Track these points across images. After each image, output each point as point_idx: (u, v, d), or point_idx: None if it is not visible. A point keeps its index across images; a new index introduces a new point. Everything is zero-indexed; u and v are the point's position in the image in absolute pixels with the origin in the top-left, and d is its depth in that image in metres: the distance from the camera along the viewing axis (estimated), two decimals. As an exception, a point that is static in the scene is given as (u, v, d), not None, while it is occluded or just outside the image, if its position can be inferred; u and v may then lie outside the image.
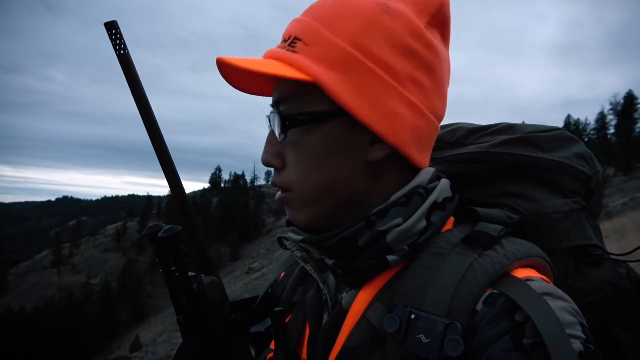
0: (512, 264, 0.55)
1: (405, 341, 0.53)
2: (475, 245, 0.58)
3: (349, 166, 0.63)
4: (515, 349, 0.48)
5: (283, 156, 0.64)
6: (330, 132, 0.61)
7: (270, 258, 46.70)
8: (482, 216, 0.63)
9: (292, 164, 0.63)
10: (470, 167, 0.77)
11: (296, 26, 0.63)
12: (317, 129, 0.61)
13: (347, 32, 0.60)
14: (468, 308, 0.52)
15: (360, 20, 0.61)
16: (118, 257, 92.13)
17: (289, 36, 0.63)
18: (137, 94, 0.69)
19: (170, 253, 0.67)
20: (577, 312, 0.52)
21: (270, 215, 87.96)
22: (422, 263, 0.59)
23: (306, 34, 0.61)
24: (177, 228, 0.67)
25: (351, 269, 0.62)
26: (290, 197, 0.64)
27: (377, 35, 0.61)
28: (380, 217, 0.61)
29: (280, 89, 0.63)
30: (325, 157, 0.62)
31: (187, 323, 0.68)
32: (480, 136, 0.82)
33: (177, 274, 0.67)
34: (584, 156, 0.75)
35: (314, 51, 0.60)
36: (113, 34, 0.66)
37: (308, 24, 0.62)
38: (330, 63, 0.59)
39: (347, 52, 0.60)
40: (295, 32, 0.62)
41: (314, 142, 0.61)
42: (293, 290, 0.77)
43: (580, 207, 0.72)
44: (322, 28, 0.61)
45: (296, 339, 0.70)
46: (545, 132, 0.77)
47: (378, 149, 0.63)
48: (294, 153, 0.63)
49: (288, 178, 0.64)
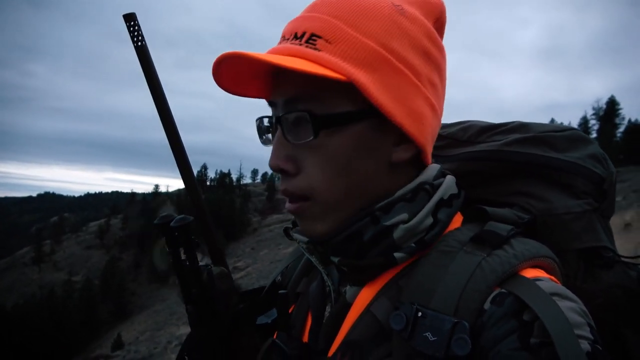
0: (521, 264, 0.55)
1: (411, 339, 0.53)
2: (484, 244, 0.57)
3: (373, 168, 0.62)
4: (522, 347, 0.48)
5: (296, 160, 0.61)
6: (358, 133, 0.60)
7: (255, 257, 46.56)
8: (491, 215, 0.63)
9: (313, 169, 0.60)
10: (482, 165, 0.76)
11: (310, 23, 0.60)
12: (344, 131, 0.59)
13: (372, 31, 0.59)
14: (475, 307, 0.52)
15: (383, 20, 0.60)
16: (100, 254, 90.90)
17: (302, 32, 0.60)
18: (154, 86, 0.68)
19: (181, 243, 0.67)
20: (585, 312, 0.52)
21: (256, 214, 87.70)
22: (430, 261, 0.58)
23: (327, 31, 0.59)
24: (188, 218, 0.67)
25: (357, 266, 0.62)
26: (308, 207, 0.61)
27: (400, 36, 0.61)
28: (385, 212, 0.61)
29: (297, 86, 0.60)
30: (351, 160, 0.60)
31: (196, 313, 0.69)
32: (492, 134, 0.81)
33: (187, 263, 0.67)
34: (597, 157, 0.74)
35: (340, 49, 0.58)
36: (131, 25, 0.66)
37: (326, 21, 0.60)
38: (359, 62, 0.58)
39: (376, 51, 0.59)
40: (311, 28, 0.60)
41: (341, 145, 0.59)
42: (297, 281, 0.78)
43: (592, 209, 0.71)
44: (344, 25, 0.59)
45: (298, 329, 0.71)
46: (558, 131, 0.76)
47: (403, 150, 0.63)
48: (317, 157, 0.60)
49: (306, 184, 0.61)
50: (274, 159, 0.61)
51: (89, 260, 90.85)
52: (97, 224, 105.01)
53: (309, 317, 0.70)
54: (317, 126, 0.58)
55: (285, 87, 0.61)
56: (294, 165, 0.61)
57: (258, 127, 0.68)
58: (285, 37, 0.62)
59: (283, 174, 0.62)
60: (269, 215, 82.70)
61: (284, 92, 0.61)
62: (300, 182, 0.61)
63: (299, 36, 0.60)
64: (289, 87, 0.61)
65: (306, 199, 0.61)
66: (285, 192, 0.62)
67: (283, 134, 0.61)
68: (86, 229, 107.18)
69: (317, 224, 0.62)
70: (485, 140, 0.81)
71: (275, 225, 68.56)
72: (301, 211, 0.62)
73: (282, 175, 0.62)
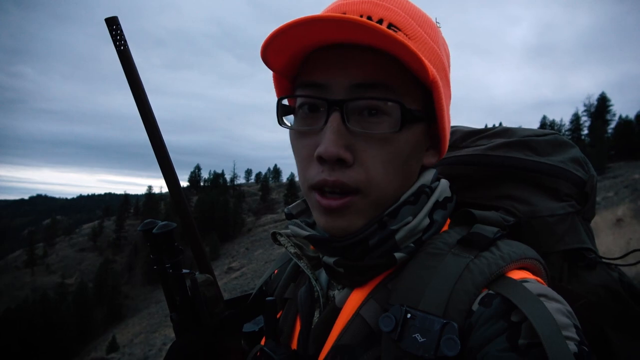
0: (508, 265, 0.56)
1: (400, 340, 0.53)
2: (471, 246, 0.58)
3: (415, 169, 0.64)
4: (510, 348, 0.48)
5: (355, 151, 0.58)
6: (418, 133, 0.61)
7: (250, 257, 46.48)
8: (477, 218, 0.64)
9: (375, 162, 0.58)
10: (467, 169, 0.77)
11: (384, 11, 0.58)
12: (412, 129, 0.59)
13: (435, 39, 0.60)
14: (464, 308, 0.52)
15: (437, 31, 0.61)
16: (94, 256, 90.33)
17: (379, 19, 0.57)
18: (136, 90, 0.67)
19: (165, 249, 0.66)
20: (571, 313, 0.53)
21: (250, 214, 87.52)
22: (418, 263, 0.59)
23: (405, 26, 0.57)
24: (171, 224, 0.66)
25: (357, 268, 0.61)
26: (358, 201, 0.59)
27: (444, 49, 0.64)
28: (392, 217, 0.61)
29: (373, 71, 0.57)
30: (408, 158, 0.60)
31: (180, 320, 0.67)
32: (476, 139, 0.83)
33: (171, 270, 0.66)
34: (579, 160, 0.76)
35: (420, 48, 0.57)
36: (113, 29, 0.65)
37: (401, 15, 0.58)
38: (433, 65, 0.58)
39: (441, 60, 0.60)
40: (389, 17, 0.58)
41: (407, 142, 0.59)
42: (285, 286, 0.77)
43: (574, 211, 0.73)
44: (417, 26, 0.58)
45: (287, 335, 0.70)
46: (541, 136, 0.78)
47: (432, 155, 0.66)
48: (380, 150, 0.58)
49: (364, 177, 0.58)
50: (332, 145, 0.56)
51: (83, 262, 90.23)
52: (90, 226, 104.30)
53: (297, 323, 0.70)
54: (405, 119, 0.57)
55: (353, 69, 0.57)
56: (352, 155, 0.58)
57: (281, 106, 0.64)
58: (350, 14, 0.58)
59: (336, 165, 0.58)
60: (263, 215, 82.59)
61: (351, 74, 0.57)
62: (357, 174, 0.58)
63: (375, 21, 0.57)
64: (359, 70, 0.57)
65: (357, 192, 0.59)
66: (338, 183, 0.58)
67: (343, 121, 0.57)
68: (79, 231, 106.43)
69: (358, 220, 0.60)
70: (470, 145, 0.82)
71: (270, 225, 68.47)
72: (348, 206, 0.59)
73: (330, 166, 0.58)
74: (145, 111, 0.68)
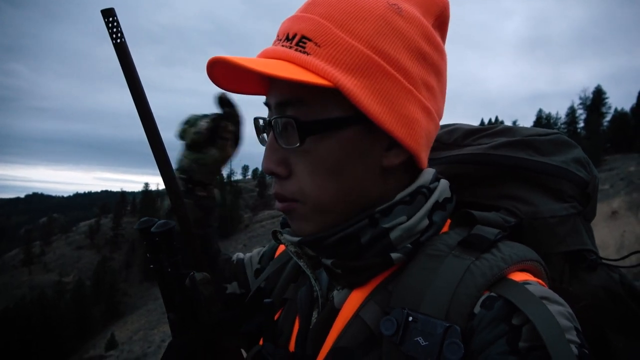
0: (509, 267, 0.55)
1: (402, 344, 0.52)
2: (472, 247, 0.58)
3: (363, 173, 0.62)
4: (510, 352, 0.48)
5: (288, 163, 0.61)
6: (347, 139, 0.59)
7: (248, 253, 46.42)
8: (478, 219, 0.63)
9: (303, 174, 0.60)
10: (468, 169, 0.76)
11: (301, 24, 0.59)
12: (333, 136, 0.59)
13: (362, 33, 0.58)
14: (466, 311, 0.52)
15: (375, 21, 0.59)
16: (91, 254, 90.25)
17: (293, 34, 0.59)
18: (133, 84, 0.66)
19: (163, 249, 0.65)
20: (573, 316, 0.53)
21: (247, 210, 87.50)
22: (418, 264, 0.58)
23: (317, 34, 0.58)
24: (170, 223, 0.65)
25: (353, 268, 0.61)
26: (298, 208, 0.62)
27: (393, 37, 0.60)
28: (385, 215, 0.61)
29: (286, 91, 0.59)
30: (341, 166, 0.60)
31: (177, 320, 0.67)
32: (478, 137, 0.82)
33: (169, 270, 0.66)
34: (581, 161, 0.75)
35: (329, 53, 0.57)
36: (109, 21, 0.64)
37: (317, 22, 0.59)
38: (347, 66, 0.57)
39: (365, 55, 0.58)
40: (302, 30, 0.59)
41: (329, 150, 0.59)
42: (284, 286, 0.77)
43: (576, 212, 0.72)
44: (334, 28, 0.58)
45: (286, 335, 0.70)
46: (543, 135, 0.77)
47: (394, 155, 0.62)
48: (306, 162, 0.60)
49: (296, 188, 0.61)
50: (266, 162, 0.61)
51: (80, 260, 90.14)
52: (87, 224, 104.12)
53: (296, 323, 0.70)
54: (303, 133, 0.58)
55: (276, 90, 0.61)
56: (286, 169, 0.61)
57: (255, 127, 0.68)
58: (279, 37, 0.62)
59: (275, 178, 0.62)
60: (261, 211, 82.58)
61: (276, 95, 0.61)
62: (291, 185, 0.61)
63: (290, 38, 0.59)
64: (279, 91, 0.60)
65: (295, 201, 0.61)
66: (278, 195, 0.62)
67: (275, 138, 0.61)
68: (76, 229, 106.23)
69: (305, 224, 0.63)
70: (471, 144, 0.81)
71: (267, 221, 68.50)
72: (290, 210, 0.62)
73: (274, 178, 0.62)
74: (143, 106, 0.67)
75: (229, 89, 0.67)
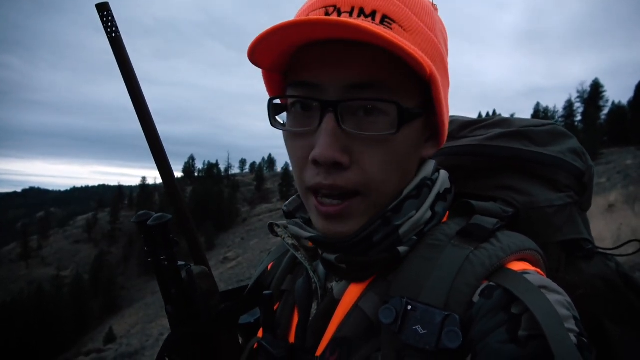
0: (508, 257, 0.56)
1: (400, 332, 0.52)
2: (471, 237, 0.58)
3: (413, 164, 0.63)
4: (510, 340, 0.48)
5: (351, 152, 0.57)
6: (415, 129, 0.59)
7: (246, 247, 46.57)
8: (477, 209, 0.63)
9: (372, 163, 0.57)
10: (465, 160, 0.77)
11: (380, 2, 0.56)
12: (409, 126, 0.58)
13: (432, 27, 0.58)
14: (465, 300, 0.52)
15: (433, 17, 0.59)
16: (89, 248, 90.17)
17: (371, 10, 0.55)
18: (128, 78, 0.66)
19: (160, 241, 0.65)
20: (571, 305, 0.53)
21: (245, 204, 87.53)
22: (418, 255, 0.58)
23: (401, 17, 0.55)
24: (166, 216, 0.65)
25: (360, 263, 0.60)
26: (357, 204, 0.58)
27: (441, 35, 0.61)
28: (396, 212, 0.60)
29: (368, 71, 0.55)
30: (405, 156, 0.59)
31: (175, 313, 0.67)
32: (474, 129, 0.82)
33: (166, 263, 0.66)
34: (577, 151, 0.76)
35: (416, 40, 0.55)
36: (104, 15, 0.63)
37: (397, 5, 0.56)
38: (432, 58, 0.56)
39: (439, 50, 0.58)
40: (383, 9, 0.55)
41: (404, 140, 0.58)
42: (282, 278, 0.76)
43: (573, 202, 0.73)
44: (413, 16, 0.56)
45: (284, 326, 0.69)
46: (539, 126, 0.77)
47: (431, 147, 0.64)
48: (379, 151, 0.57)
49: (360, 179, 0.57)
50: (328, 149, 0.55)
51: (78, 254, 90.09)
52: (85, 217, 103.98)
53: (295, 315, 0.69)
54: (402, 120, 0.55)
55: (347, 69, 0.55)
56: (349, 158, 0.57)
57: (272, 107, 0.62)
58: (343, 9, 0.56)
59: (331, 168, 0.56)
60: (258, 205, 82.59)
61: (345, 74, 0.55)
62: (354, 176, 0.57)
63: (367, 14, 0.55)
64: (354, 70, 0.55)
65: (356, 194, 0.58)
66: (334, 187, 0.57)
67: (338, 123, 0.55)
68: (73, 223, 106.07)
69: (357, 223, 0.60)
70: (467, 135, 0.81)
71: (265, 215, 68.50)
72: (347, 212, 0.58)
73: (326, 169, 0.56)
74: (138, 100, 0.67)
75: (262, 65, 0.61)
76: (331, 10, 0.56)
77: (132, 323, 40.13)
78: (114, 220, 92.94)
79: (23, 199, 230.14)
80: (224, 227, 73.04)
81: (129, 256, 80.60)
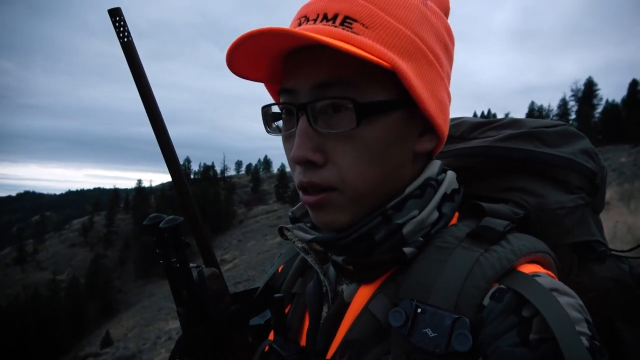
0: (519, 259, 0.55)
1: (410, 335, 0.52)
2: (481, 239, 0.57)
3: (401, 159, 0.62)
4: (521, 343, 0.48)
5: (324, 151, 0.58)
6: (393, 123, 0.59)
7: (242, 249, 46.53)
8: (487, 211, 0.63)
9: (345, 160, 0.58)
10: (475, 161, 0.76)
11: (341, 4, 0.58)
12: (380, 120, 0.58)
13: (406, 19, 0.59)
14: (475, 303, 0.52)
15: (413, 10, 0.60)
16: (85, 252, 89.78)
17: (334, 14, 0.57)
18: (140, 82, 0.67)
19: (171, 244, 0.66)
20: (583, 308, 0.52)
21: (242, 206, 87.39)
22: (427, 257, 0.58)
23: (362, 15, 0.57)
24: (179, 218, 0.66)
25: (365, 265, 0.61)
26: (334, 198, 0.59)
27: (428, 27, 0.61)
28: (397, 210, 0.61)
29: (327, 71, 0.57)
30: (383, 151, 0.59)
31: (186, 314, 0.68)
32: (484, 130, 0.82)
33: (178, 265, 0.67)
34: (589, 152, 0.75)
35: (379, 35, 0.56)
36: (116, 20, 0.65)
37: (359, 4, 0.58)
38: (398, 50, 0.57)
39: (413, 40, 0.58)
40: (345, 10, 0.57)
41: (377, 135, 0.58)
42: (292, 281, 0.77)
43: (584, 203, 0.72)
44: (379, 11, 0.58)
45: (295, 329, 0.70)
46: (550, 127, 0.77)
47: (427, 141, 0.63)
48: (349, 147, 0.58)
49: (336, 176, 0.58)
50: (300, 149, 0.57)
51: (74, 258, 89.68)
52: (80, 221, 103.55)
53: (306, 318, 0.69)
54: (360, 115, 0.56)
55: (313, 71, 0.57)
56: (322, 156, 0.58)
57: (265, 115, 0.65)
58: (310, 18, 0.59)
59: (308, 166, 0.59)
60: (255, 207, 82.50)
61: (312, 76, 0.58)
62: (328, 173, 0.58)
63: (330, 18, 0.57)
64: (319, 71, 0.57)
65: (333, 190, 0.59)
66: (310, 184, 0.59)
67: (309, 123, 0.58)
68: (69, 227, 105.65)
69: (340, 215, 0.61)
70: (478, 137, 0.81)
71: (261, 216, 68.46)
72: (326, 202, 0.60)
73: (304, 167, 0.59)
74: (150, 102, 0.68)
75: (241, 74, 0.64)
76: (303, 20, 0.60)
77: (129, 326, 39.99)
78: (109, 223, 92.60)
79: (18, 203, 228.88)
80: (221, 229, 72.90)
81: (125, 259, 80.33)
